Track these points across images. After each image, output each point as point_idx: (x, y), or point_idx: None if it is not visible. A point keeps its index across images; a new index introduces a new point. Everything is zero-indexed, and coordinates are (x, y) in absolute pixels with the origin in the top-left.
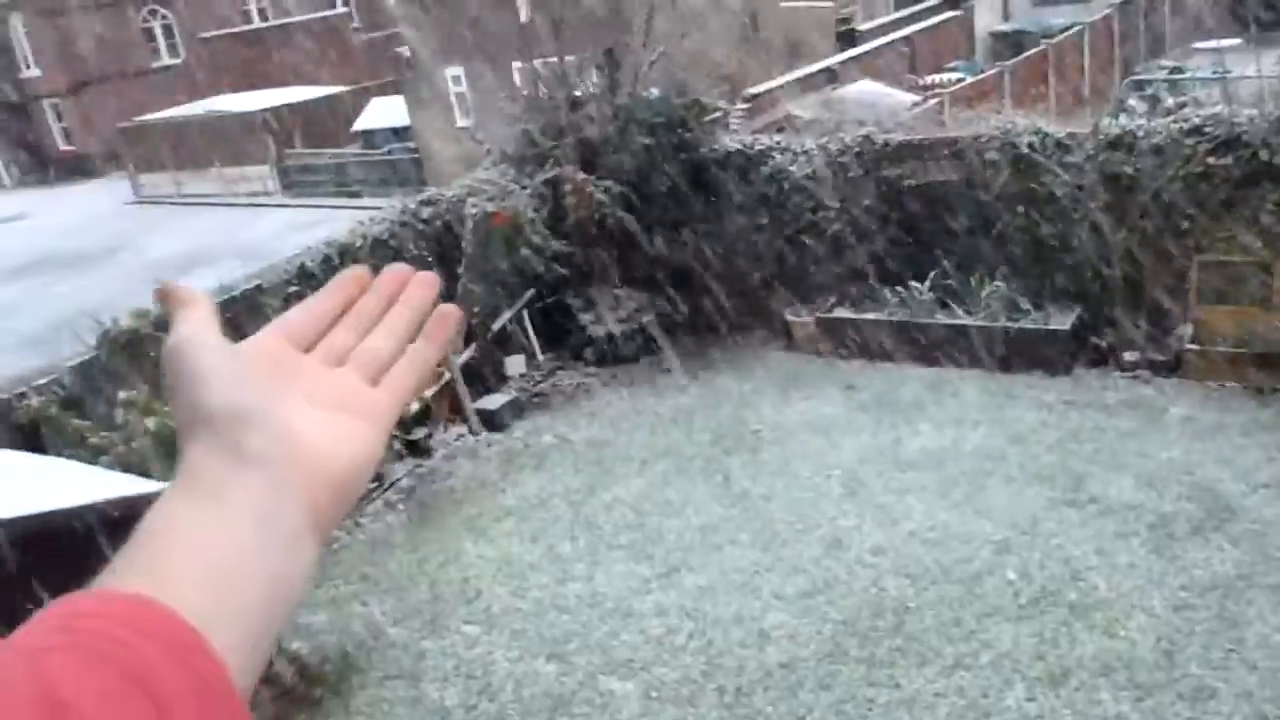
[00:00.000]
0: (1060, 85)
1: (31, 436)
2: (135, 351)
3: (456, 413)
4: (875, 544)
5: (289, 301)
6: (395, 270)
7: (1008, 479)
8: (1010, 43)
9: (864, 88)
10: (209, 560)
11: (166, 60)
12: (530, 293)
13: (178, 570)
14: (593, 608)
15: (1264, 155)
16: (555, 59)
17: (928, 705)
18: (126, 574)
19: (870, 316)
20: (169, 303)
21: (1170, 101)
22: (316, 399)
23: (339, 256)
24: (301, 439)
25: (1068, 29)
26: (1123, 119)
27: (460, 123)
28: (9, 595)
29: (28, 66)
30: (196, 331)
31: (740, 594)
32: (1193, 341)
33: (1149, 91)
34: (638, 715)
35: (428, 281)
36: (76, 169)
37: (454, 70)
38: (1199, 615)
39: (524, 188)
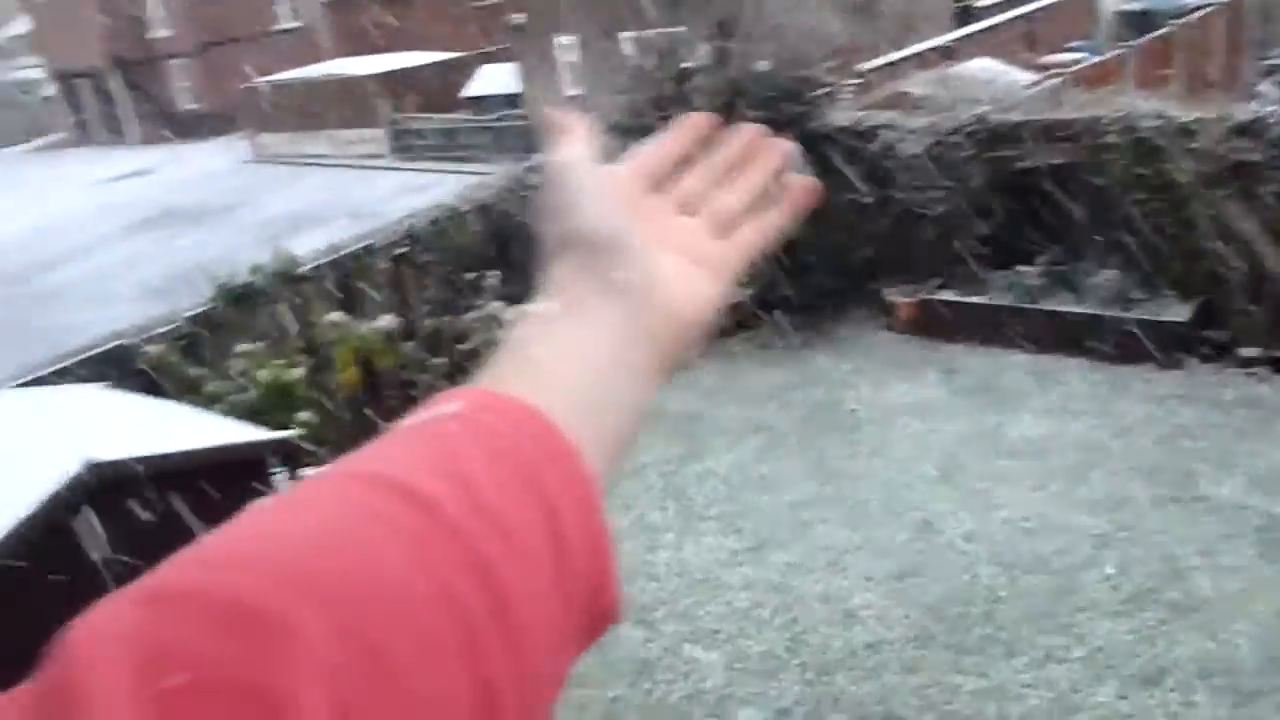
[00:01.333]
0: (1187, 68)
1: (150, 382)
2: (248, 304)
3: None
4: (969, 530)
5: (397, 262)
6: (749, 128)
7: (1111, 472)
8: (1136, 22)
9: (980, 66)
10: (580, 380)
11: (289, 24)
12: None
13: (555, 386)
14: (680, 577)
15: None
16: (666, 30)
17: (1015, 696)
18: (509, 378)
19: (975, 300)
20: (553, 128)
21: None
22: (671, 243)
23: (447, 219)
24: (658, 279)
25: (1198, 8)
26: (1253, 105)
27: (569, 91)
28: (149, 530)
29: (158, 28)
30: (578, 156)
31: (828, 572)
32: None
33: None
34: (720, 686)
35: (783, 148)
36: (199, 127)
37: (565, 39)
38: None
39: None
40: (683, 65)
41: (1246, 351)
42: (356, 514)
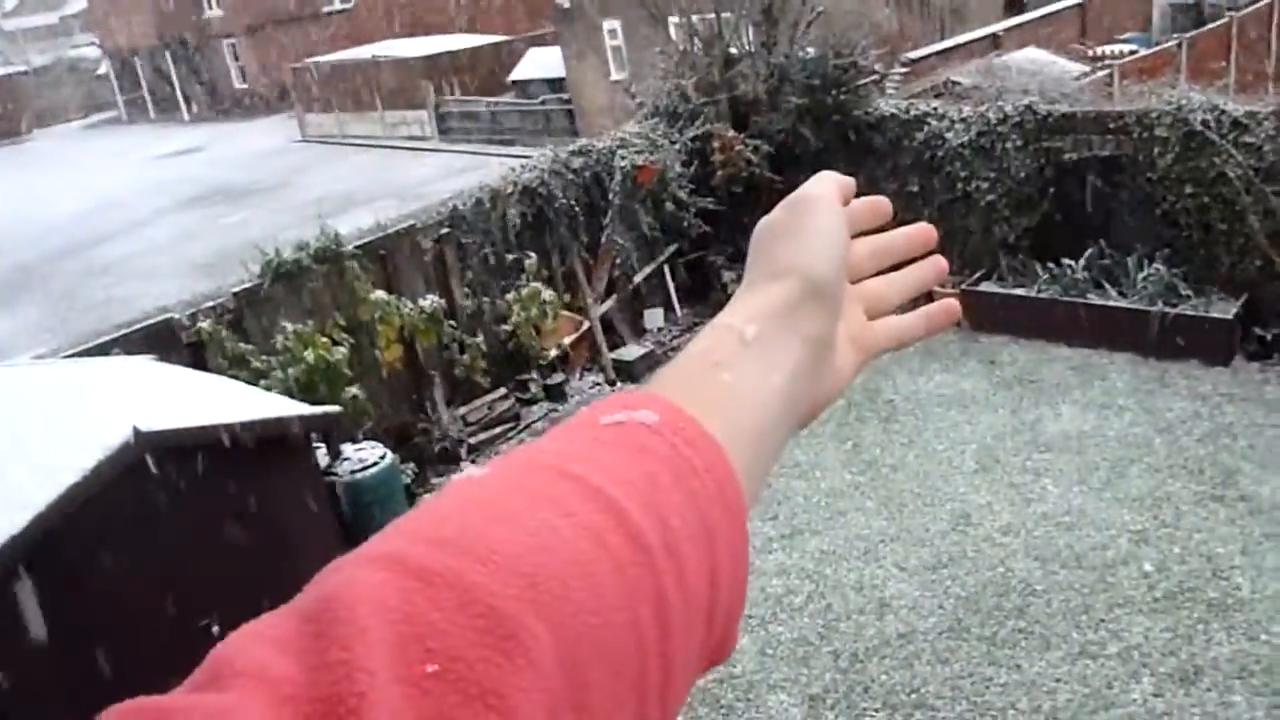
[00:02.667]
0: (1243, 61)
1: (197, 356)
2: (294, 282)
3: (594, 361)
4: (1005, 523)
5: (440, 242)
6: (927, 230)
7: (1152, 469)
8: (1191, 14)
9: (1027, 56)
10: (754, 424)
11: (338, 5)
12: (673, 247)
13: (737, 427)
14: None
15: None
16: (712, 15)
17: (1048, 690)
18: (699, 399)
19: (1019, 292)
20: (826, 181)
21: None
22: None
23: (490, 201)
24: (835, 345)
25: (1254, 1)
26: None
27: (614, 76)
28: (195, 499)
29: (210, 7)
30: (833, 196)
31: (862, 561)
32: None
33: None
34: (752, 671)
35: (943, 267)
36: (249, 107)
37: (611, 23)
38: None
39: (673, 143)
40: (728, 50)
41: None
42: (577, 528)
